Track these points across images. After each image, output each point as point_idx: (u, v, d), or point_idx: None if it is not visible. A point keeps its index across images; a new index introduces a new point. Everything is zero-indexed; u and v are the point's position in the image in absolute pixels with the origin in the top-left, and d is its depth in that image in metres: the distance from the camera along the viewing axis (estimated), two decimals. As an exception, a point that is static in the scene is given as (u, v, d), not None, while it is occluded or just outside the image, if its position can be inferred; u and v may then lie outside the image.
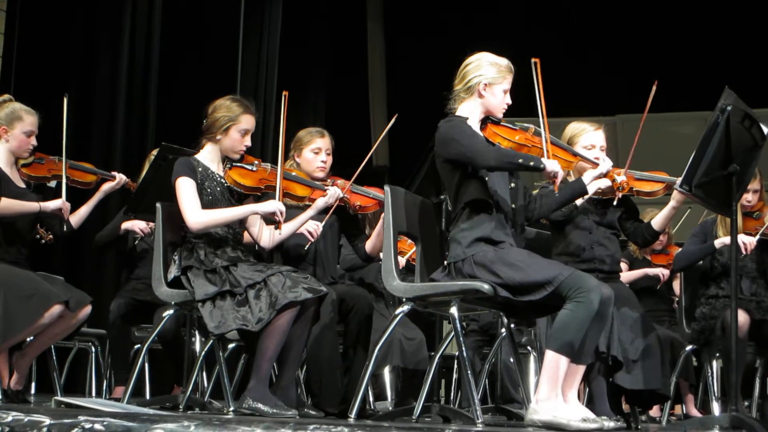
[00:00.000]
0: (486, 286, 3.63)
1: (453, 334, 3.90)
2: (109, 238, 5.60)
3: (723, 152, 3.74)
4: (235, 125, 4.20)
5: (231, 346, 5.11)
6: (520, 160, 3.70)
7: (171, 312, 4.25)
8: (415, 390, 4.92)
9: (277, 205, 4.15)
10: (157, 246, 4.26)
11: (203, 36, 8.26)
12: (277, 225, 4.18)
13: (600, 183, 4.22)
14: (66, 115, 4.93)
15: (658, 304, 6.44)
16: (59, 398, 4.09)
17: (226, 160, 4.28)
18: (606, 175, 4.18)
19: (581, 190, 4.08)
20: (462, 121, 3.83)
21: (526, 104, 4.00)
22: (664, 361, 4.27)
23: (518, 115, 3.97)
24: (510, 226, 3.85)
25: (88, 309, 4.50)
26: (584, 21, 9.94)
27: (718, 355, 5.34)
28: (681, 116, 9.71)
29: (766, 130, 3.88)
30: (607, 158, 4.19)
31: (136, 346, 5.61)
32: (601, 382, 4.19)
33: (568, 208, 4.33)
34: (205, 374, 5.20)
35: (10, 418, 3.12)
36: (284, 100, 4.27)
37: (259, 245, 4.41)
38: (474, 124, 3.87)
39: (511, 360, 4.96)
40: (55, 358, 5.36)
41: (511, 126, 3.92)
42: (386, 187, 4.01)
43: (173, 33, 7.92)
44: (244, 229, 4.35)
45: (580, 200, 4.32)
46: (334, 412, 4.26)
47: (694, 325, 5.37)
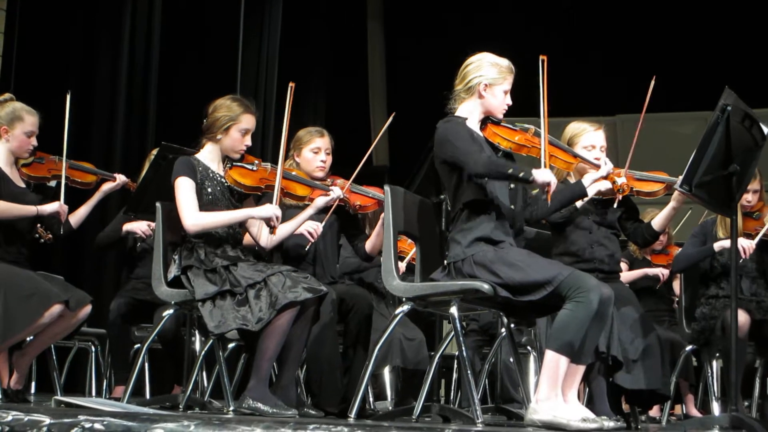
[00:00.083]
0: (486, 286, 3.62)
1: (453, 333, 3.90)
2: (110, 239, 5.59)
3: (723, 152, 3.74)
4: (236, 125, 4.20)
5: (231, 345, 5.11)
6: (509, 171, 3.66)
7: (171, 311, 4.25)
8: (415, 390, 4.91)
9: (273, 210, 4.14)
10: (157, 246, 4.26)
11: (203, 36, 8.25)
12: (271, 230, 4.17)
13: (600, 186, 4.23)
14: (68, 112, 4.92)
15: (657, 304, 6.44)
16: (59, 398, 4.09)
17: (226, 159, 4.28)
18: (606, 178, 4.18)
19: (581, 192, 4.08)
20: (459, 122, 3.81)
21: (527, 104, 4.00)
22: (664, 361, 4.26)
23: (519, 116, 3.97)
24: (510, 226, 3.84)
25: (88, 308, 4.50)
26: (584, 21, 9.94)
27: (718, 355, 5.34)
28: (681, 116, 9.71)
29: (766, 130, 3.87)
30: (608, 160, 4.18)
31: (136, 346, 5.60)
32: (601, 382, 4.19)
33: (568, 210, 4.32)
34: (205, 374, 5.20)
35: (10, 418, 3.11)
36: (290, 92, 4.26)
37: (259, 245, 4.41)
38: (474, 125, 3.87)
39: (511, 360, 4.96)
40: (55, 357, 5.36)
41: (511, 126, 3.91)
42: (386, 187, 4.00)
43: (173, 33, 7.92)
44: (244, 229, 4.35)
45: (579, 202, 4.32)
46: (333, 411, 4.26)
47: (694, 325, 5.36)
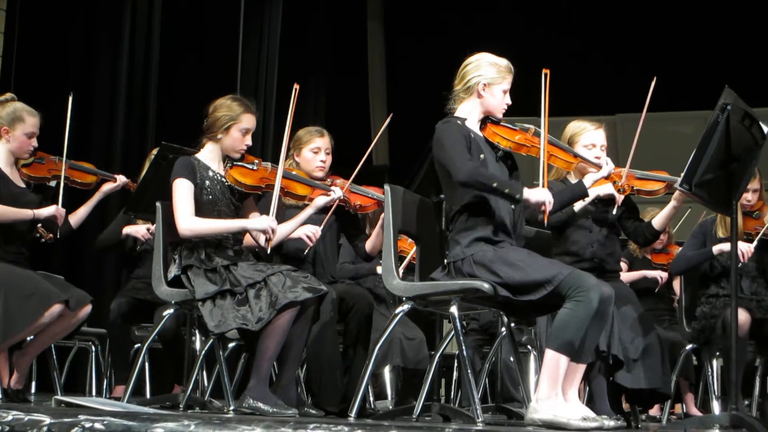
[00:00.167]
0: (486, 286, 3.62)
1: (453, 333, 3.90)
2: (110, 242, 5.59)
3: (723, 151, 3.74)
4: (236, 124, 4.20)
5: (231, 345, 5.11)
6: (494, 185, 3.64)
7: (171, 311, 4.25)
8: (415, 389, 4.91)
9: (268, 222, 4.13)
10: (157, 245, 4.26)
11: (203, 36, 8.25)
12: (266, 241, 4.15)
13: (601, 190, 4.23)
14: (70, 113, 4.92)
15: (657, 304, 6.43)
16: (59, 397, 4.08)
17: (226, 159, 4.28)
18: (608, 178, 4.18)
19: (582, 192, 4.07)
20: (456, 124, 3.80)
21: (527, 104, 4.00)
22: (664, 360, 4.26)
23: (519, 115, 3.97)
24: (510, 225, 3.84)
25: (88, 308, 4.50)
26: (584, 21, 9.94)
27: (718, 354, 5.34)
28: (681, 115, 9.71)
29: (766, 129, 3.88)
30: (609, 160, 4.17)
31: (136, 346, 5.60)
32: (602, 381, 4.19)
33: (566, 213, 4.31)
34: (205, 373, 5.21)
35: (10, 418, 3.11)
36: (294, 93, 4.26)
37: (259, 246, 4.41)
38: (473, 125, 3.87)
39: (511, 359, 4.96)
40: (55, 357, 5.36)
41: (511, 126, 3.91)
42: (386, 187, 4.00)
43: (173, 33, 7.92)
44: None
45: (580, 203, 4.31)
46: (334, 411, 4.26)
47: (694, 324, 5.36)
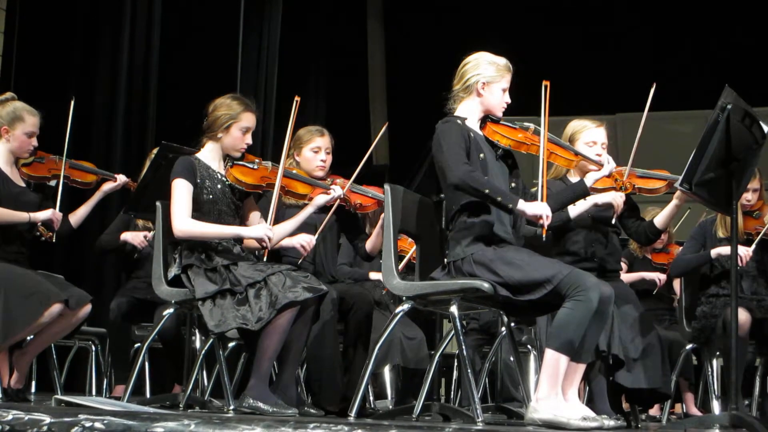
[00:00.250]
0: (486, 285, 3.62)
1: (453, 332, 3.90)
2: (109, 245, 5.60)
3: (723, 151, 3.74)
4: (236, 123, 4.20)
5: (231, 344, 5.11)
6: (486, 191, 3.63)
7: (171, 311, 4.25)
8: (415, 389, 4.91)
9: (265, 230, 4.14)
10: (157, 245, 4.26)
11: (203, 36, 8.25)
12: (263, 249, 4.15)
13: (599, 198, 4.24)
14: (71, 118, 4.92)
15: (657, 303, 6.43)
16: (59, 397, 4.08)
17: (227, 158, 4.28)
18: (609, 176, 4.17)
19: (583, 191, 4.05)
20: (456, 123, 3.80)
21: (527, 103, 4.00)
22: (664, 359, 4.26)
23: (519, 114, 3.97)
24: (510, 225, 3.84)
25: (88, 308, 4.50)
26: (584, 20, 9.93)
27: (718, 353, 5.34)
28: (681, 115, 9.70)
29: (766, 129, 3.88)
30: (611, 158, 4.14)
31: (136, 345, 5.60)
32: (602, 381, 4.19)
33: (561, 219, 4.29)
34: (205, 373, 5.21)
35: (10, 417, 3.11)
36: (295, 106, 4.28)
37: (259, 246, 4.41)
38: (473, 124, 3.87)
39: (511, 359, 4.96)
40: (55, 356, 5.36)
41: (511, 125, 3.91)
42: (386, 186, 4.00)
43: (173, 33, 7.92)
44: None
45: (575, 212, 4.31)
46: (334, 410, 4.26)
47: (694, 324, 5.35)
